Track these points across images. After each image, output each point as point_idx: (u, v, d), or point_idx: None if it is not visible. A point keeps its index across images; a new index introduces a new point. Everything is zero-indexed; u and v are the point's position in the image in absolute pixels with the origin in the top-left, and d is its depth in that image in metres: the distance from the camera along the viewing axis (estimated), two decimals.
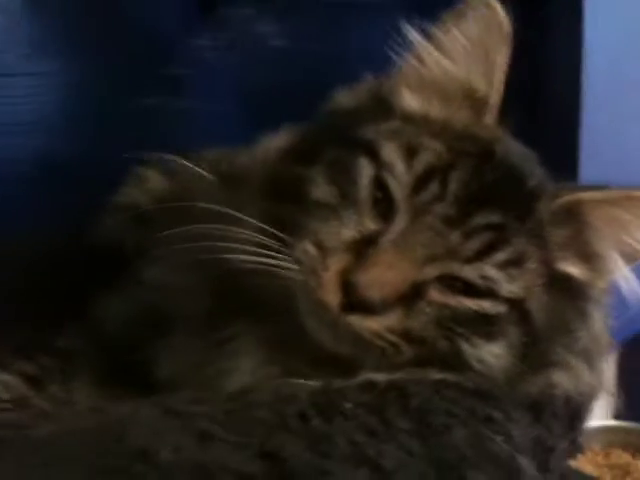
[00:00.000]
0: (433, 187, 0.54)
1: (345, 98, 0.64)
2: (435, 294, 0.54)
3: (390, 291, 0.52)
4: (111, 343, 0.64)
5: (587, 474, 1.43)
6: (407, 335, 0.53)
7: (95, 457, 0.39)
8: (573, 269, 0.57)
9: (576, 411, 0.58)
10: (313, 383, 0.51)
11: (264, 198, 0.60)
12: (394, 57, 0.62)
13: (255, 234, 0.56)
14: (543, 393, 0.56)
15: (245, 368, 0.57)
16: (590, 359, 0.58)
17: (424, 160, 0.55)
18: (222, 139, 1.00)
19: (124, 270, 0.72)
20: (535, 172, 0.59)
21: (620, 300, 0.60)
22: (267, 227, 0.56)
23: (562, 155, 0.89)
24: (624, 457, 1.51)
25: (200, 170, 0.78)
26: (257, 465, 0.42)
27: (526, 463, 0.51)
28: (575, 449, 0.61)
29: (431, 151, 0.56)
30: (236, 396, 0.49)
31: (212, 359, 0.58)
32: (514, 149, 0.60)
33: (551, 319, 0.55)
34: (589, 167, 0.92)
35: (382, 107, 0.61)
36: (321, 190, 0.57)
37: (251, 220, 0.56)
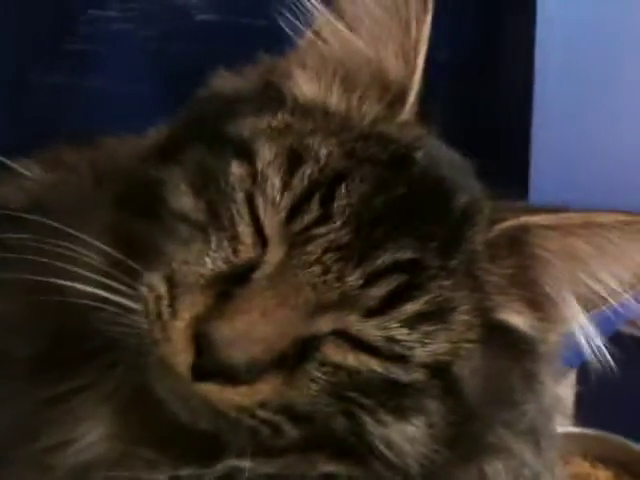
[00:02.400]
0: (316, 208, 0.42)
1: (227, 82, 0.52)
2: (328, 351, 0.41)
3: (262, 350, 0.39)
4: None
5: None
6: (288, 411, 0.41)
7: None
8: (517, 319, 0.45)
9: None
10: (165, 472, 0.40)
11: (115, 209, 0.47)
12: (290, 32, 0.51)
13: (98, 259, 0.44)
14: None
15: (85, 441, 0.44)
16: (537, 438, 0.47)
17: (308, 172, 0.43)
18: (134, 121, 0.91)
19: None
20: (468, 187, 0.47)
21: None
22: (112, 251, 0.43)
23: (510, 163, 0.79)
24: (584, 466, 1.45)
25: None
26: None
27: None
28: None
29: (320, 157, 0.43)
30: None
31: (43, 424, 0.45)
32: (442, 155, 0.48)
33: (489, 389, 0.43)
34: (542, 175, 0.84)
35: (270, 95, 0.49)
36: (181, 202, 0.44)
37: (93, 241, 0.44)
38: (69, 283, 0.43)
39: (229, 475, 0.40)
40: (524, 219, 0.44)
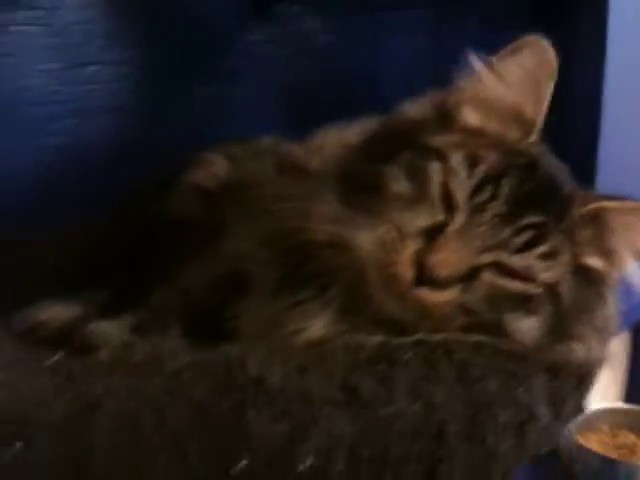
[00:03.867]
0: (488, 191, 0.66)
1: (411, 109, 0.75)
2: (488, 276, 0.65)
3: (453, 271, 0.63)
4: (198, 303, 0.75)
5: (596, 452, 1.51)
6: (462, 307, 0.65)
7: (223, 381, 0.53)
8: (595, 262, 0.69)
9: (585, 375, 0.70)
10: (376, 338, 0.64)
11: (341, 186, 0.71)
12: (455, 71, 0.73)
13: (334, 210, 0.68)
14: (561, 358, 0.68)
15: (315, 328, 0.68)
16: (602, 334, 0.71)
17: (482, 170, 0.66)
18: (269, 127, 1.08)
19: (195, 242, 0.84)
20: (568, 182, 0.71)
21: (628, 289, 0.72)
22: (345, 208, 0.68)
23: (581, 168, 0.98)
24: (631, 438, 1.60)
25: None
26: (340, 394, 0.56)
27: (542, 410, 0.64)
28: (582, 407, 0.74)
29: (488, 161, 0.67)
30: (318, 344, 0.62)
31: (286, 320, 0.69)
32: (553, 163, 0.72)
33: (575, 300, 0.68)
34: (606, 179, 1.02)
35: (446, 119, 0.72)
36: (401, 185, 0.67)
37: (329, 203, 0.69)
38: (312, 226, 0.68)
39: (417, 342, 0.64)
40: (602, 203, 0.69)
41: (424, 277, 0.63)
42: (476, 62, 0.72)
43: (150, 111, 1.12)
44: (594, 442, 1.61)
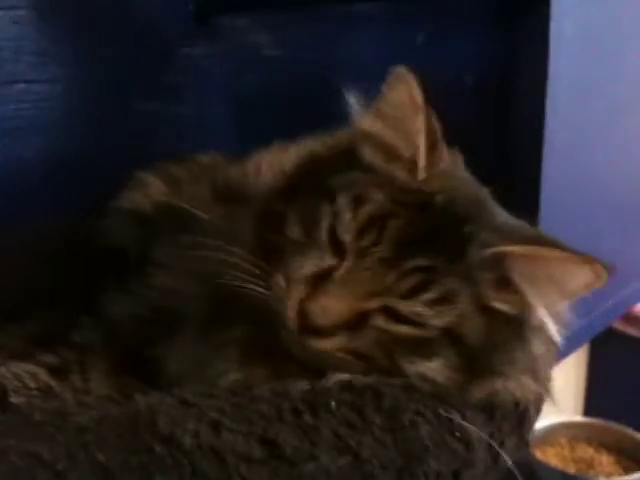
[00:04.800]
0: (372, 233, 0.63)
1: (323, 144, 0.74)
2: (376, 321, 0.63)
3: (335, 318, 0.62)
4: (124, 339, 0.73)
5: (553, 466, 1.52)
6: (354, 353, 0.63)
7: (130, 440, 0.49)
8: (502, 306, 0.64)
9: (523, 413, 0.67)
10: (301, 384, 0.61)
11: (257, 227, 0.69)
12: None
13: (243, 261, 0.66)
14: (493, 398, 0.64)
15: (238, 369, 0.66)
16: (534, 372, 0.67)
17: (367, 210, 0.64)
18: (212, 143, 1.08)
19: (128, 271, 0.81)
20: (475, 217, 0.66)
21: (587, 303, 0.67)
22: (254, 258, 0.66)
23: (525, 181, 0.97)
24: (589, 451, 1.61)
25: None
26: (258, 449, 0.52)
27: (479, 455, 0.61)
28: (524, 444, 0.71)
29: (374, 202, 0.64)
30: (238, 390, 0.59)
31: (210, 360, 0.67)
32: (460, 196, 0.67)
33: (486, 340, 0.64)
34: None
35: (349, 156, 0.70)
36: (293, 229, 0.66)
37: (240, 251, 0.67)
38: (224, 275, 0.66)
39: (344, 385, 0.61)
40: (503, 248, 0.64)
41: (307, 325, 0.62)
42: (354, 102, 0.71)
43: (86, 130, 1.09)
44: (552, 456, 1.64)
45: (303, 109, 1.14)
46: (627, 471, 1.53)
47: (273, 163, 0.85)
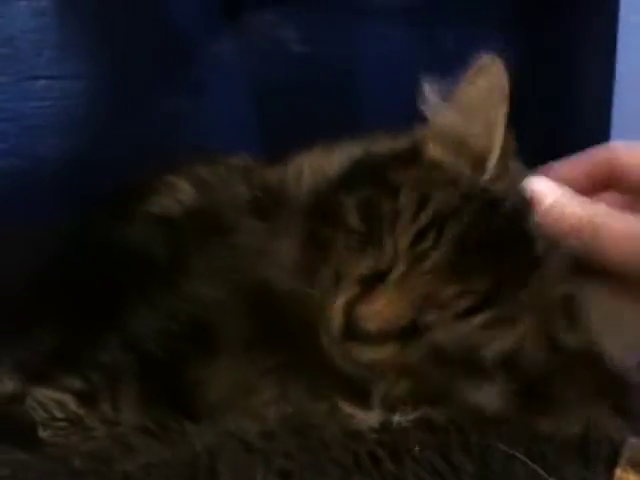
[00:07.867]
0: (430, 237, 0.57)
1: (385, 143, 0.68)
2: (431, 334, 0.55)
3: (386, 325, 0.55)
4: (153, 359, 0.65)
5: None
6: (404, 367, 0.55)
7: None
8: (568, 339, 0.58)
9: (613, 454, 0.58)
10: (371, 416, 0.53)
11: (307, 221, 0.62)
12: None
13: (293, 257, 0.60)
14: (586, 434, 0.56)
15: (289, 399, 0.58)
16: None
17: (429, 212, 0.58)
18: (237, 141, 1.05)
19: (155, 281, 0.73)
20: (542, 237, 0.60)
21: None
22: (302, 255, 0.60)
23: None
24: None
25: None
26: None
27: None
28: None
29: (435, 202, 0.58)
30: (303, 430, 0.50)
31: (256, 387, 0.60)
32: (527, 207, 0.61)
33: (550, 372, 0.56)
34: None
35: (416, 154, 0.64)
36: (353, 221, 0.59)
37: (287, 248, 0.60)
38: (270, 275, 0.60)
39: (423, 422, 0.53)
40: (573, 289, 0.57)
41: (354, 330, 0.55)
42: (430, 92, 0.65)
43: (108, 129, 1.04)
44: None
45: (330, 107, 1.11)
46: None
47: (316, 167, 0.78)
